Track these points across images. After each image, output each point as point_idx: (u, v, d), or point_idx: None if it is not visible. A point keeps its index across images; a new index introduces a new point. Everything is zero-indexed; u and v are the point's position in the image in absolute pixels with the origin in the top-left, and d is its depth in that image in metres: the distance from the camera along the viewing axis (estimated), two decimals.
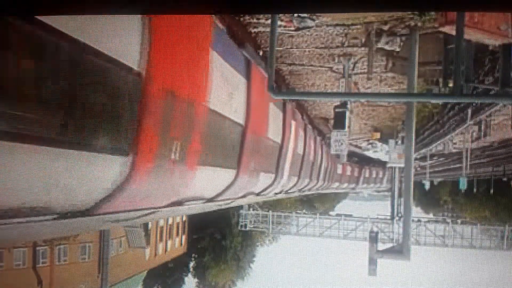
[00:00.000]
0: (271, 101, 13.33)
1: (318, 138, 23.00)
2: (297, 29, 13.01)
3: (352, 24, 12.93)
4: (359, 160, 37.43)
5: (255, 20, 12.37)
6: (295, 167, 17.54)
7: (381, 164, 41.49)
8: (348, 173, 35.18)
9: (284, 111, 15.13)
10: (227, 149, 10.36)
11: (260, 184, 13.79)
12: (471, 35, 11.01)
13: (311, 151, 20.60)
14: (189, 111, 7.86)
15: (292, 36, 13.64)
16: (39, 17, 4.29)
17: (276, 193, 17.54)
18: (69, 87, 5.13)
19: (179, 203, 8.81)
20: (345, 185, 35.70)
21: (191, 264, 37.69)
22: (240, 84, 10.74)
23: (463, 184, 24.39)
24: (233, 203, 14.24)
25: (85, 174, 5.73)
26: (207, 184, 9.60)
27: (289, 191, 19.68)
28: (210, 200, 10.54)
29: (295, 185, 18.92)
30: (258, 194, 14.98)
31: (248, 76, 11.24)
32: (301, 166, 18.51)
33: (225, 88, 9.60)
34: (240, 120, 10.80)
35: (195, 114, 8.15)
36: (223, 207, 14.22)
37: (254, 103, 11.38)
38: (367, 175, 41.34)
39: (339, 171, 31.03)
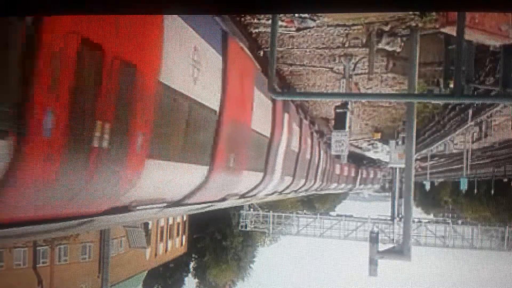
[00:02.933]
0: (256, 85, 11.49)
1: (317, 137, 22.54)
2: (298, 29, 13.01)
3: (353, 25, 12.92)
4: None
5: (255, 21, 12.37)
6: (289, 165, 16.56)
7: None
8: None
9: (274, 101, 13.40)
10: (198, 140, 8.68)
11: (243, 184, 12.10)
12: (472, 35, 11.00)
13: (308, 149, 19.90)
14: (128, 81, 5.96)
15: (293, 37, 13.63)
16: None
17: (267, 195, 16.32)
18: None
19: (123, 208, 6.82)
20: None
21: (192, 264, 37.70)
22: (213, 59, 8.77)
23: (463, 185, 24.37)
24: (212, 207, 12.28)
25: None
26: (166, 184, 7.84)
27: (283, 192, 18.73)
28: (176, 203, 8.91)
29: (290, 185, 18.10)
30: (243, 196, 13.45)
31: (224, 51, 9.22)
32: (295, 165, 17.60)
33: (190, 62, 7.69)
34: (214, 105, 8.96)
35: (141, 87, 6.23)
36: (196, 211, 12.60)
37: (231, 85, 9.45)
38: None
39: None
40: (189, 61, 7.60)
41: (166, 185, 7.75)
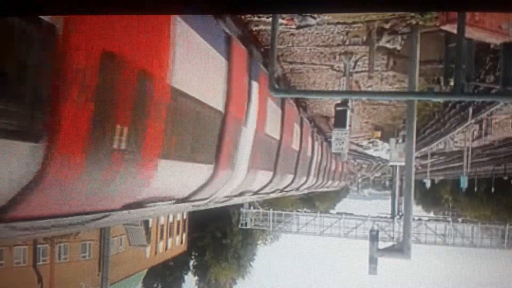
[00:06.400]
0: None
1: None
2: (298, 27, 12.98)
3: (353, 23, 12.90)
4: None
5: (256, 19, 12.35)
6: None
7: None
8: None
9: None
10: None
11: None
12: (472, 33, 10.98)
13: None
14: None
15: (293, 34, 13.61)
16: None
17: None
18: None
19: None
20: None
21: (192, 263, 37.72)
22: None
23: (464, 183, 24.36)
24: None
25: None
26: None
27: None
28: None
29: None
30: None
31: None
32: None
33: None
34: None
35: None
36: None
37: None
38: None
39: None
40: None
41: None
